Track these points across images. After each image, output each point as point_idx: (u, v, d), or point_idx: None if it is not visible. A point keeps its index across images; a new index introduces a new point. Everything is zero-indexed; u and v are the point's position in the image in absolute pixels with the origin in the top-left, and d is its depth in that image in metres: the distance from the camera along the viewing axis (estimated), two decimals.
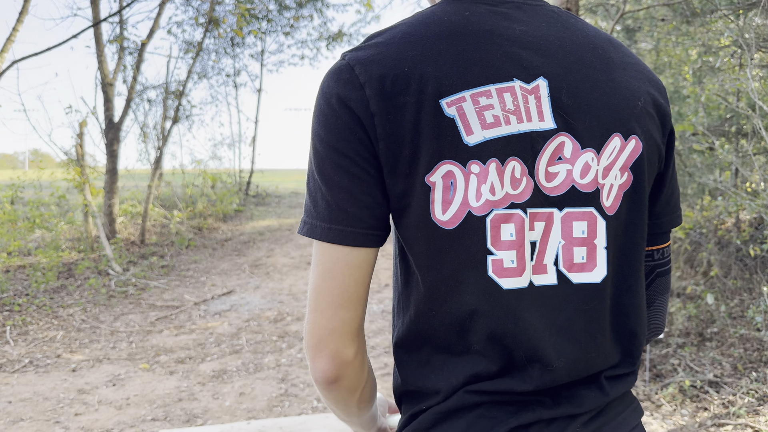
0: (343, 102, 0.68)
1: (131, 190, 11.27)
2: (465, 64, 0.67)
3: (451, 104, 0.66)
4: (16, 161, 60.46)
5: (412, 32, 0.69)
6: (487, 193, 0.67)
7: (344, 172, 0.68)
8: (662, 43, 5.40)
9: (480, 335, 0.70)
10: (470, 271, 0.68)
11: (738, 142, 5.05)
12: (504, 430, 0.69)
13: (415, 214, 0.68)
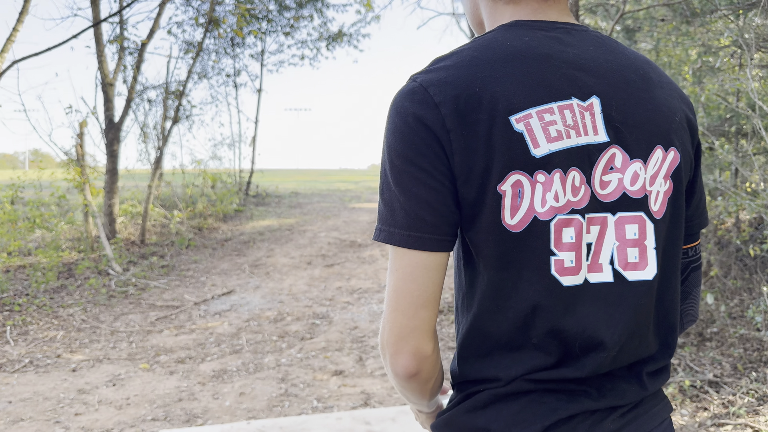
0: (419, 120, 0.75)
1: (131, 190, 11.28)
2: (529, 84, 0.76)
3: (519, 120, 0.74)
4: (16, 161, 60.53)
5: (479, 56, 0.77)
6: (551, 200, 0.75)
7: (422, 184, 0.75)
8: (662, 43, 5.40)
9: (540, 329, 0.78)
10: (534, 270, 0.76)
11: (738, 142, 5.05)
12: (553, 420, 0.77)
13: (486, 219, 0.76)
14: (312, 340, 5.50)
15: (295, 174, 27.43)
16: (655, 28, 5.14)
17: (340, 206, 13.10)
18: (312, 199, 14.07)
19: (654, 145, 0.81)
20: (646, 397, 0.85)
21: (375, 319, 6.16)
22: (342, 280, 7.81)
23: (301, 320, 6.16)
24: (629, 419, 0.82)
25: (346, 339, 5.50)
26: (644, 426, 0.83)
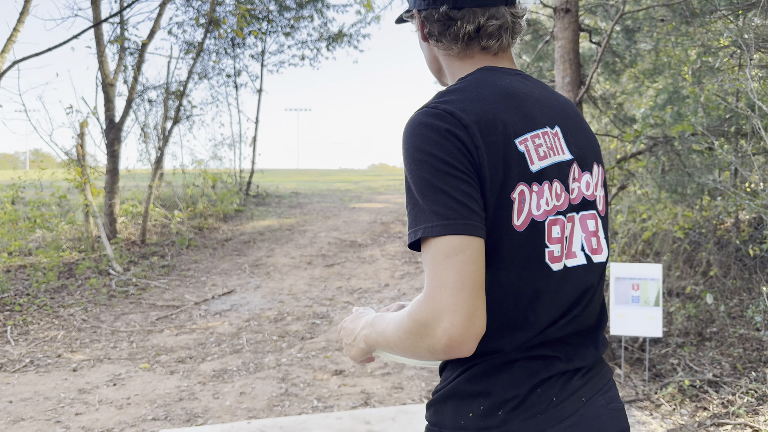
0: (454, 135, 0.91)
1: (132, 190, 11.29)
2: (522, 115, 0.98)
3: (521, 143, 0.96)
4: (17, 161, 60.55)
5: (482, 92, 0.98)
6: (543, 204, 0.96)
7: (465, 182, 0.90)
8: (662, 43, 5.41)
9: (539, 310, 0.97)
10: (535, 261, 0.96)
11: (737, 143, 5.06)
12: (536, 380, 0.96)
13: (500, 221, 0.93)
14: (312, 339, 5.50)
15: (296, 174, 27.44)
16: (654, 29, 5.15)
17: (340, 206, 13.11)
18: (312, 199, 14.08)
19: (592, 162, 1.09)
20: (597, 361, 1.06)
21: None
22: (342, 279, 7.82)
23: (302, 320, 6.17)
24: (588, 378, 1.03)
25: None
26: (598, 383, 1.05)
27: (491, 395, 0.96)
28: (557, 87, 4.63)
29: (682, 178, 4.61)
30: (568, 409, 0.97)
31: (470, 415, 0.97)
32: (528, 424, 0.94)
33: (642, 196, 5.57)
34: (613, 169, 5.02)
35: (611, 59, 5.35)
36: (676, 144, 4.55)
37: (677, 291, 5.70)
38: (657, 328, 4.14)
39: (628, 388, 4.03)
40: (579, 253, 1.03)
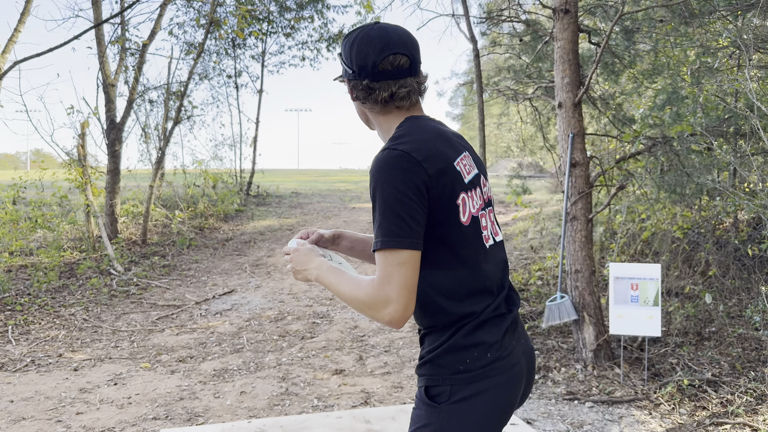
0: (411, 170, 1.29)
1: (133, 191, 11.31)
2: (451, 147, 1.41)
3: (457, 164, 1.38)
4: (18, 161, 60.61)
5: (424, 136, 1.37)
6: (475, 205, 1.41)
7: (416, 209, 1.29)
8: (661, 44, 5.42)
9: (490, 279, 1.42)
10: (479, 244, 1.40)
11: (736, 143, 5.07)
12: (503, 330, 1.41)
13: (453, 220, 1.34)
14: (312, 339, 5.52)
15: (296, 174, 27.46)
16: (653, 29, 5.16)
17: (340, 206, 13.13)
18: (312, 199, 14.10)
19: (484, 174, 1.53)
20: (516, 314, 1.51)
21: None
22: None
23: (302, 319, 6.19)
24: (520, 323, 1.53)
25: (346, 338, 5.52)
26: (522, 326, 1.54)
27: (481, 344, 1.37)
28: (557, 87, 4.65)
29: (681, 178, 4.62)
30: (519, 346, 1.47)
31: (468, 361, 1.37)
32: (507, 359, 1.41)
33: (641, 196, 5.58)
34: (612, 169, 5.03)
35: (610, 60, 5.36)
36: (675, 144, 4.56)
37: (676, 291, 5.71)
38: (656, 327, 4.15)
39: (627, 388, 4.04)
40: (490, 236, 1.47)
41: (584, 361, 4.48)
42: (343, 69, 1.52)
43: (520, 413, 3.70)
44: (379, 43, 1.43)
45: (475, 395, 1.36)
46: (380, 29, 1.45)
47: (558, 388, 4.13)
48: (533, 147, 9.70)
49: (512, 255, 7.88)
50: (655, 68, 5.69)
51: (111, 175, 9.27)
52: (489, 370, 1.37)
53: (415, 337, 5.50)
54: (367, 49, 1.43)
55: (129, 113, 9.60)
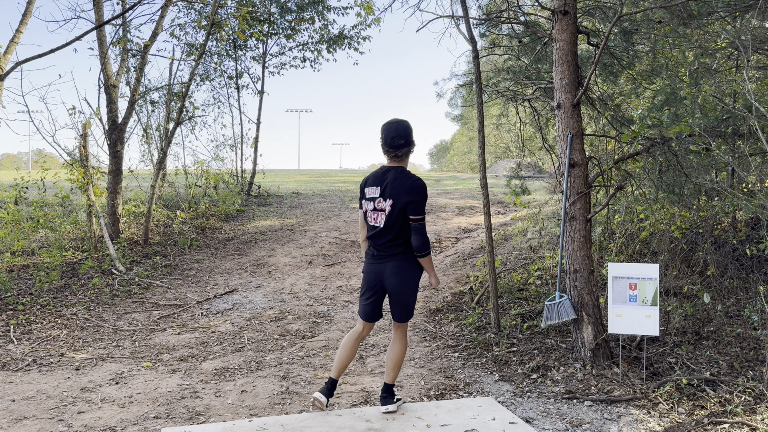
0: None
1: (134, 191, 11.35)
2: (373, 181, 3.57)
3: (366, 189, 3.61)
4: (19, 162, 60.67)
5: (372, 174, 3.63)
6: (369, 208, 3.57)
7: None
8: (659, 45, 5.43)
9: (371, 238, 3.60)
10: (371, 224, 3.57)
11: (734, 143, 5.08)
12: (369, 262, 3.63)
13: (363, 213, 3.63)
14: (313, 338, 5.54)
15: (297, 174, 27.48)
16: (652, 31, 5.18)
17: (340, 206, 13.15)
18: (313, 200, 14.13)
19: (382, 197, 3.48)
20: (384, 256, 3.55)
21: None
22: (342, 279, 7.86)
23: (302, 319, 6.21)
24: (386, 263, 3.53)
25: None
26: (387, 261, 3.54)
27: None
28: (555, 88, 4.67)
29: (679, 178, 4.64)
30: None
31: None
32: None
33: (639, 196, 5.60)
34: (611, 169, 5.06)
35: (609, 61, 5.38)
36: (673, 145, 4.58)
37: (674, 290, 5.72)
38: (654, 327, 4.17)
39: (626, 387, 4.06)
40: (378, 224, 3.46)
41: (583, 360, 4.50)
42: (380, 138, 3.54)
43: (519, 412, 3.73)
44: (393, 131, 3.51)
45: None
46: (395, 125, 3.50)
47: (557, 387, 4.15)
48: (532, 147, 9.72)
49: (511, 255, 7.89)
50: (653, 69, 5.71)
51: (113, 176, 9.30)
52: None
53: (415, 337, 5.52)
54: (387, 134, 3.52)
55: (131, 114, 9.63)
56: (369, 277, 3.55)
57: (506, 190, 6.75)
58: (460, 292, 6.77)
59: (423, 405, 3.74)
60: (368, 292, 3.56)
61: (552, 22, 4.77)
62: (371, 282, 3.54)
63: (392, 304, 3.55)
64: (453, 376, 4.46)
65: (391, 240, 3.44)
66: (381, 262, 3.50)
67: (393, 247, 3.45)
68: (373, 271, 3.53)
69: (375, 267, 3.52)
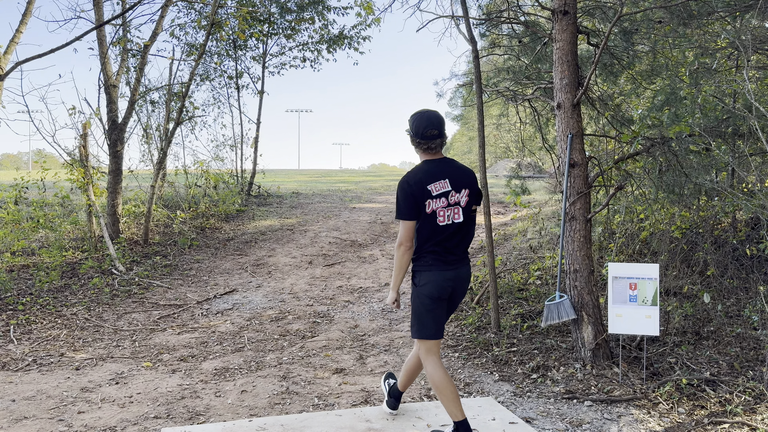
0: (409, 188, 3.06)
1: (134, 191, 11.35)
2: (431, 178, 3.05)
3: (429, 186, 3.03)
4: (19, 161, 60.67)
5: (418, 172, 3.06)
6: (437, 206, 3.04)
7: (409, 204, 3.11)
8: (659, 45, 5.43)
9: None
10: (435, 223, 3.10)
11: (734, 143, 5.08)
12: (445, 274, 3.08)
13: (423, 212, 3.07)
14: (313, 338, 5.54)
15: (297, 174, 27.48)
16: (652, 31, 5.18)
17: (340, 206, 13.16)
18: (313, 200, 14.13)
19: (462, 188, 3.07)
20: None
21: (375, 318, 6.20)
22: (342, 279, 7.86)
23: (302, 319, 6.21)
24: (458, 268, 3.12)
25: (346, 337, 5.55)
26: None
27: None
28: (555, 88, 4.67)
29: (679, 178, 4.64)
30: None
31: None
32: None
33: (639, 196, 5.60)
34: (611, 169, 5.06)
35: (609, 61, 5.38)
36: (673, 145, 4.58)
37: (674, 290, 5.72)
38: (654, 327, 4.17)
39: (626, 387, 4.06)
40: (452, 221, 3.03)
41: (583, 360, 4.50)
42: (408, 131, 3.15)
43: (519, 412, 3.73)
44: (426, 121, 3.06)
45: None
46: (428, 115, 3.10)
47: (557, 387, 4.15)
48: (532, 147, 9.72)
49: (511, 255, 7.90)
50: (653, 69, 5.71)
51: (113, 176, 9.30)
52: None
53: None
54: (419, 124, 3.07)
55: (131, 114, 9.63)
56: (442, 286, 3.03)
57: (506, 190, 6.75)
58: None
59: (423, 405, 3.74)
60: (442, 303, 3.08)
61: (552, 22, 4.77)
62: (445, 292, 3.05)
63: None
64: (453, 376, 4.46)
65: (464, 237, 3.10)
66: (456, 267, 3.07)
67: (466, 247, 3.13)
68: (447, 279, 3.03)
69: (449, 274, 3.04)
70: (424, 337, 3.06)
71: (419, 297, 3.06)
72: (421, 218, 3.01)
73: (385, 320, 6.12)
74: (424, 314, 3.05)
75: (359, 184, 19.60)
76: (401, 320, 6.08)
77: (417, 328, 3.08)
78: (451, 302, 3.15)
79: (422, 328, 3.06)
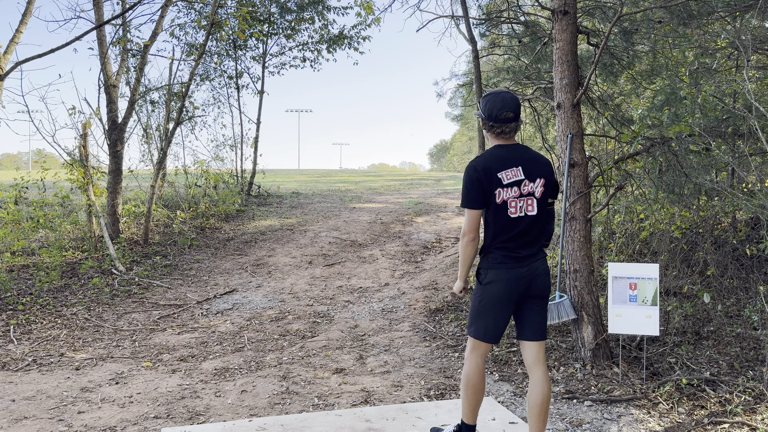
0: (476, 174, 2.80)
1: (134, 191, 11.35)
2: (503, 164, 2.79)
3: (500, 174, 2.77)
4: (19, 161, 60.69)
5: (488, 157, 2.81)
6: (511, 194, 2.78)
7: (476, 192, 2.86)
8: (659, 45, 5.44)
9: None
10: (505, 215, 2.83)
11: (734, 143, 5.09)
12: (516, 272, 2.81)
13: (492, 200, 2.80)
14: (313, 338, 5.54)
15: (297, 174, 27.49)
16: (652, 30, 5.18)
17: (340, 206, 13.15)
18: (313, 200, 14.13)
19: (536, 177, 2.80)
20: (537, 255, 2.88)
21: (375, 318, 6.20)
22: (342, 279, 7.86)
23: (302, 319, 6.21)
24: (530, 264, 2.83)
25: (346, 337, 5.54)
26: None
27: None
28: (555, 88, 4.67)
29: (679, 178, 4.64)
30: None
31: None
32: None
33: (639, 196, 5.60)
34: (611, 169, 5.06)
35: (609, 61, 5.38)
36: (673, 145, 4.58)
37: (674, 290, 5.72)
38: (654, 326, 4.17)
39: (626, 387, 4.06)
40: (522, 212, 2.76)
41: (583, 360, 4.50)
42: (479, 113, 2.88)
43: (519, 412, 3.73)
44: (500, 103, 2.78)
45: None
46: (503, 96, 2.82)
47: (557, 387, 4.15)
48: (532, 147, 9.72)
49: None
50: (653, 69, 5.71)
51: (113, 176, 9.30)
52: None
53: (415, 337, 5.52)
54: (493, 106, 2.79)
55: (131, 114, 9.63)
56: (510, 287, 2.74)
57: None
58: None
59: (423, 405, 3.74)
60: (509, 305, 2.78)
61: (552, 22, 4.77)
62: (513, 292, 2.75)
63: (534, 315, 2.83)
64: (453, 376, 4.46)
65: (541, 233, 2.81)
66: (528, 264, 2.77)
67: (540, 242, 2.84)
68: (519, 277, 2.73)
69: (522, 271, 2.74)
70: (479, 337, 2.81)
71: (483, 295, 2.79)
72: (490, 209, 2.74)
73: (385, 320, 6.12)
74: (483, 314, 2.79)
75: (359, 184, 19.60)
76: (401, 320, 6.09)
77: (473, 326, 2.82)
78: (533, 299, 2.81)
79: (478, 327, 2.81)
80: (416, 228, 10.71)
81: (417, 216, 11.79)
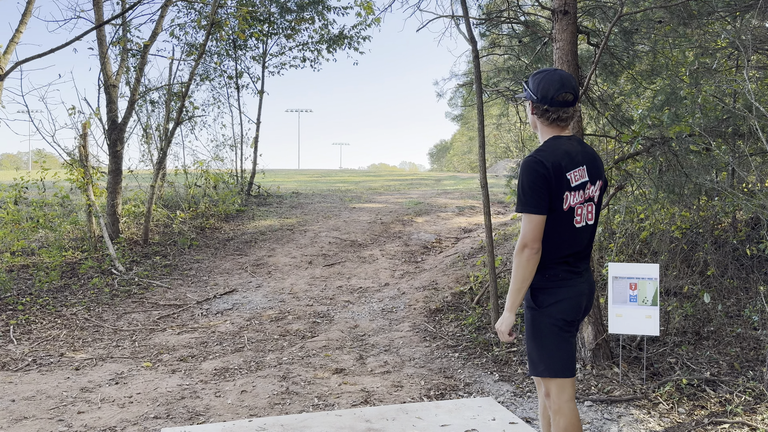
0: (541, 170, 2.20)
1: (134, 191, 11.34)
2: (571, 161, 2.24)
3: (568, 174, 2.22)
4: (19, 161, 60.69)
5: (554, 150, 2.23)
6: (577, 199, 2.27)
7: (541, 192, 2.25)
8: (659, 45, 5.44)
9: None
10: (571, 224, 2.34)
11: (734, 143, 5.09)
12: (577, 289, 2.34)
13: (558, 205, 2.25)
14: (313, 338, 5.54)
15: (297, 174, 27.48)
16: (652, 30, 5.18)
17: (340, 206, 13.15)
18: (313, 200, 14.12)
19: (596, 179, 2.33)
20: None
21: (375, 318, 6.20)
22: (342, 279, 7.86)
23: (302, 319, 6.21)
24: (587, 279, 2.41)
25: (346, 338, 5.54)
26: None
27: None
28: None
29: (679, 178, 4.64)
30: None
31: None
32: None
33: (639, 196, 5.60)
34: (611, 169, 5.06)
35: (609, 60, 5.38)
36: (673, 145, 4.58)
37: (675, 290, 5.72)
38: (654, 327, 4.17)
39: (626, 387, 4.06)
40: (584, 220, 2.30)
41: (583, 360, 4.50)
42: (528, 94, 2.34)
43: (519, 412, 3.72)
44: (558, 82, 2.25)
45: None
46: (559, 74, 2.28)
47: None
48: (532, 147, 9.72)
49: (511, 255, 7.89)
50: (653, 69, 5.71)
51: (112, 176, 9.30)
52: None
53: (415, 337, 5.52)
54: (548, 85, 2.26)
55: (130, 114, 9.63)
56: (574, 306, 2.29)
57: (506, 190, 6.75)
58: (460, 292, 6.76)
59: (423, 405, 3.74)
60: (576, 327, 2.35)
61: (552, 22, 4.77)
62: (579, 312, 2.33)
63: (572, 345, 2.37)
64: (453, 376, 4.45)
65: (591, 243, 2.38)
66: (586, 278, 2.35)
67: (590, 255, 2.43)
68: (581, 294, 2.31)
69: (583, 287, 2.32)
70: (559, 374, 2.26)
71: (548, 322, 2.25)
72: (551, 216, 2.19)
73: (385, 320, 6.12)
74: (555, 344, 2.26)
75: (359, 184, 19.60)
76: (401, 320, 6.09)
77: (546, 363, 2.27)
78: (580, 321, 2.41)
79: (554, 362, 2.26)
80: (416, 228, 10.71)
81: (417, 216, 11.79)
